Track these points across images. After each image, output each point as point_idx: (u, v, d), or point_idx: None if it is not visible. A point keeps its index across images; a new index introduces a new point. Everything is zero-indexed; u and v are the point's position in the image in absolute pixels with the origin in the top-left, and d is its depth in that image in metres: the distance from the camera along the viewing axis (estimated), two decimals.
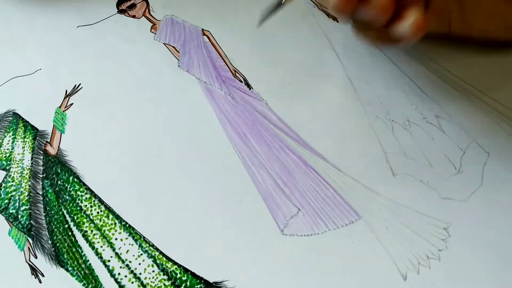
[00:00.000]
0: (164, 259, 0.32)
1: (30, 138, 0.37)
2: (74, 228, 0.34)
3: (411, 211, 0.34)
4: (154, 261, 0.32)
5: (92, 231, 0.33)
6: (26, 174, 0.35)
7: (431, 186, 0.34)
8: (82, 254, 0.33)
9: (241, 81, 0.40)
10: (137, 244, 0.33)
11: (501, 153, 0.35)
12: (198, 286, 0.31)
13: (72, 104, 0.39)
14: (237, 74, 0.40)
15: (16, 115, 0.38)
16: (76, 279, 0.32)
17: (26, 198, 0.35)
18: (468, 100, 0.37)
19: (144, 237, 0.33)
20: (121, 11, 0.44)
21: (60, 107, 0.38)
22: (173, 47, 0.41)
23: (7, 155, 0.36)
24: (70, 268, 0.32)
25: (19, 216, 0.34)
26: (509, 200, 0.33)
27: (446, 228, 0.33)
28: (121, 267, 0.32)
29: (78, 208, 0.34)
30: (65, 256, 0.33)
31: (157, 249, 0.33)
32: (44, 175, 0.35)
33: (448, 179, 0.34)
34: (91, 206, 0.34)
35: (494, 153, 0.35)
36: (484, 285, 0.31)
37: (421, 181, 0.35)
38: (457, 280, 0.31)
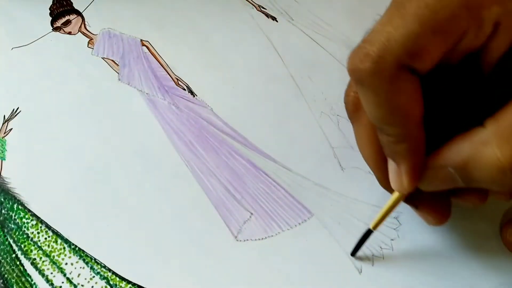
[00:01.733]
0: (118, 279, 0.32)
1: None
2: (22, 257, 0.33)
3: (362, 203, 0.34)
4: (107, 282, 0.31)
5: (41, 258, 0.32)
6: None
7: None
8: (32, 283, 0.32)
9: (184, 89, 0.39)
10: (88, 266, 0.32)
11: None
12: None
13: (11, 129, 0.37)
14: (179, 83, 0.39)
15: None
16: None
17: None
18: None
19: (95, 259, 0.32)
20: (56, 29, 0.43)
21: None
22: (112, 60, 0.41)
23: None
24: None
25: None
26: None
27: (397, 217, 0.33)
28: None
29: (25, 236, 0.33)
30: (15, 287, 0.32)
31: (110, 270, 0.32)
32: None
33: None
34: (38, 233, 0.33)
35: None
36: (436, 269, 0.31)
37: (369, 173, 0.35)
38: (411, 267, 0.31)
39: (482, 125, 0.23)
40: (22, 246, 0.33)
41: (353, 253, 0.32)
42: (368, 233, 0.31)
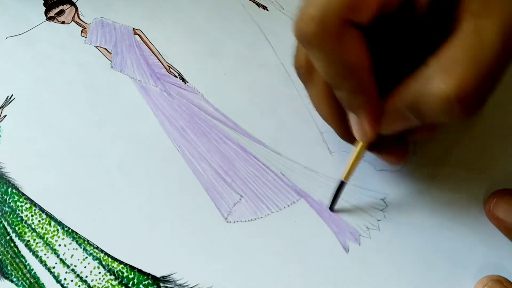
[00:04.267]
0: (110, 259, 0.32)
1: None
2: (16, 239, 0.33)
3: (349, 185, 0.35)
4: (100, 262, 0.32)
5: (34, 240, 0.33)
6: None
7: (366, 160, 0.35)
8: (26, 263, 0.32)
9: (176, 76, 0.40)
10: (81, 248, 0.33)
11: None
12: (146, 282, 0.31)
13: (5, 116, 0.38)
14: (171, 70, 0.40)
15: None
16: None
17: None
18: None
19: (87, 240, 0.33)
20: (50, 18, 0.43)
21: None
22: (105, 48, 0.41)
23: None
24: (14, 279, 0.32)
25: None
26: (439, 166, 0.34)
27: (383, 198, 0.34)
28: (66, 272, 0.32)
29: (19, 218, 0.34)
30: (9, 268, 0.32)
31: (102, 251, 0.32)
32: None
33: None
34: (32, 216, 0.34)
35: None
36: (421, 248, 0.32)
37: None
38: (396, 246, 0.32)
39: (425, 63, 0.24)
40: (16, 228, 0.34)
41: (331, 207, 0.34)
42: (341, 185, 0.32)
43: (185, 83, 0.39)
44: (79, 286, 0.31)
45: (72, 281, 0.32)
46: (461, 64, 0.22)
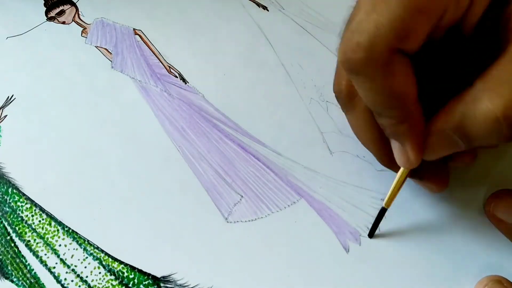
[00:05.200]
0: (110, 259, 0.32)
1: None
2: (16, 239, 0.33)
3: (350, 185, 0.35)
4: (100, 262, 0.32)
5: (35, 240, 0.33)
6: None
7: (367, 160, 0.35)
8: (27, 263, 0.32)
9: (176, 77, 0.40)
10: (81, 248, 0.33)
11: None
12: (146, 282, 0.31)
13: (6, 116, 0.38)
14: (172, 70, 0.40)
15: None
16: None
17: None
18: None
19: (88, 240, 0.33)
20: (50, 19, 0.43)
21: None
22: (105, 49, 0.41)
23: None
24: (15, 279, 0.32)
25: None
26: None
27: (383, 199, 0.34)
28: (67, 272, 0.32)
29: (19, 218, 0.34)
30: (9, 268, 0.32)
31: (102, 251, 0.33)
32: None
33: None
34: (32, 216, 0.34)
35: None
36: (421, 248, 0.32)
37: (357, 156, 0.36)
38: (397, 246, 0.32)
39: (472, 85, 0.24)
40: (17, 228, 0.34)
41: (371, 234, 0.33)
42: (382, 212, 0.32)
43: (186, 83, 0.39)
44: (79, 286, 0.31)
45: (72, 281, 0.32)
46: (508, 83, 0.22)
